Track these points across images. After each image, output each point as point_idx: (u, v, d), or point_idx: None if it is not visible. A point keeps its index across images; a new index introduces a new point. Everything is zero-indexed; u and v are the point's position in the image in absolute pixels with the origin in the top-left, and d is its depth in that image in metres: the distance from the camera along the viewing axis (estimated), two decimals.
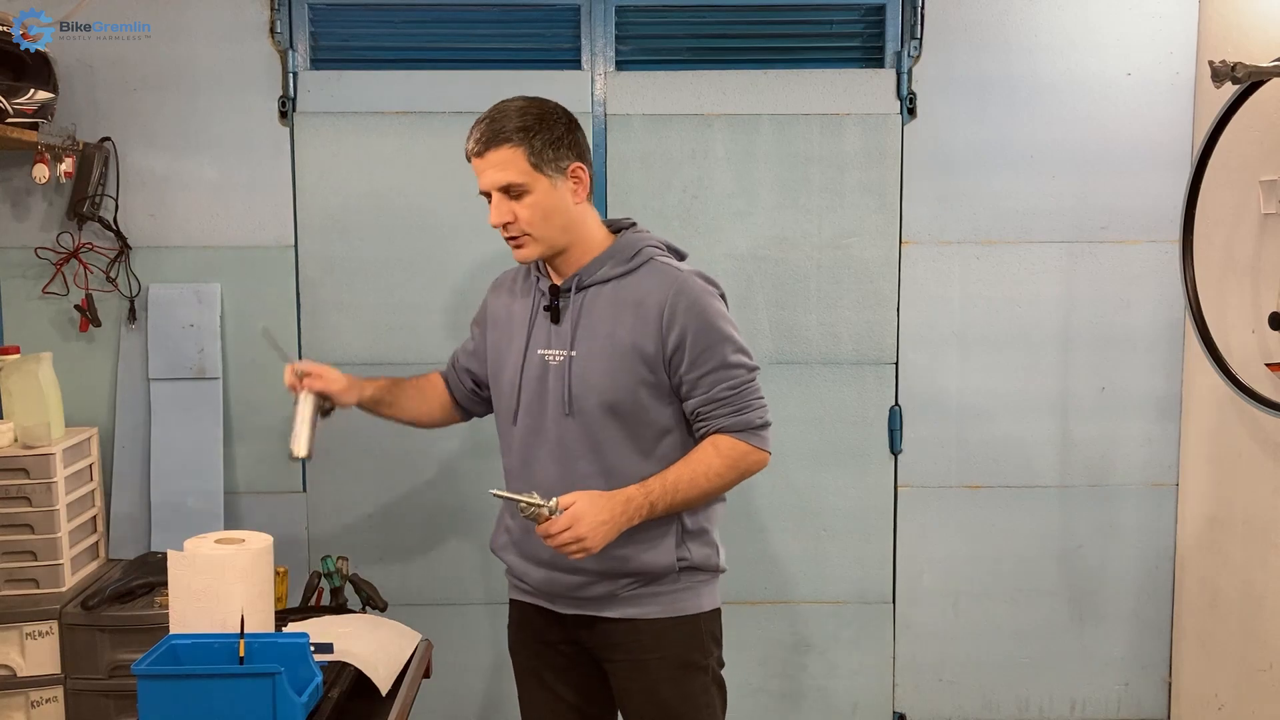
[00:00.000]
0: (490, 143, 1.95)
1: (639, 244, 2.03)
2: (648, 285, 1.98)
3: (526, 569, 2.09)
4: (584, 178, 2.00)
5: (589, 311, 2.00)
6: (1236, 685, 2.83)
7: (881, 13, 2.97)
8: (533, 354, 2.04)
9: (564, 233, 1.99)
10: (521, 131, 1.94)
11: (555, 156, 1.95)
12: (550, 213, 1.96)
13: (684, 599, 2.05)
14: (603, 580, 2.01)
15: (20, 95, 2.65)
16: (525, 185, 1.94)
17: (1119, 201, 3.00)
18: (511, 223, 1.96)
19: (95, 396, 2.94)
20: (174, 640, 1.76)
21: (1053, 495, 3.08)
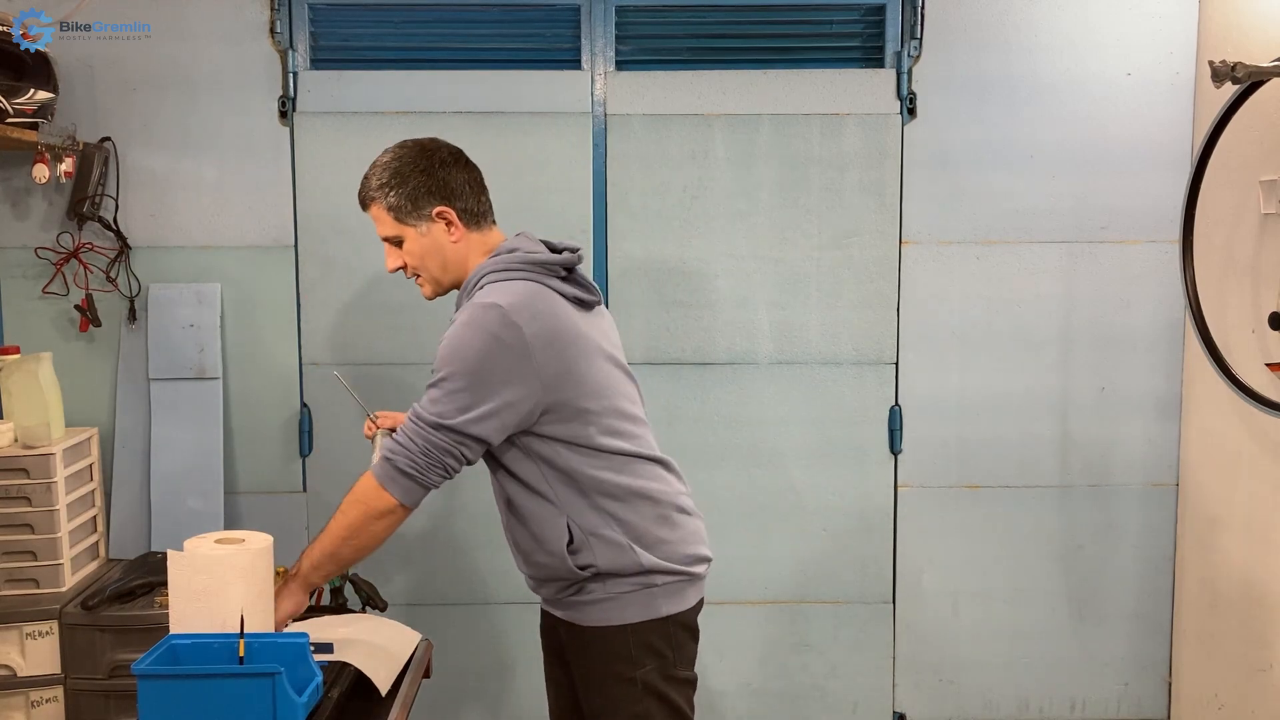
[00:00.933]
0: (363, 203, 2.10)
1: (481, 272, 2.02)
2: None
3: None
4: (452, 217, 2.05)
5: None
6: (1236, 685, 2.83)
7: (881, 13, 2.97)
8: None
9: (444, 271, 2.08)
10: (380, 189, 2.06)
11: (415, 207, 2.04)
12: (425, 255, 2.06)
13: (607, 609, 2.01)
14: (540, 586, 2.11)
15: (20, 95, 2.65)
16: (397, 235, 2.06)
17: (1119, 201, 3.00)
18: (402, 267, 2.08)
19: (95, 396, 2.94)
20: (174, 640, 1.76)
21: (1053, 495, 3.08)
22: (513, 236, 2.11)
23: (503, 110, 2.93)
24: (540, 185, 2.96)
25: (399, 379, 2.99)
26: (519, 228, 2.97)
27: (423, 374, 2.95)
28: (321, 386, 3.00)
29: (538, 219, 2.97)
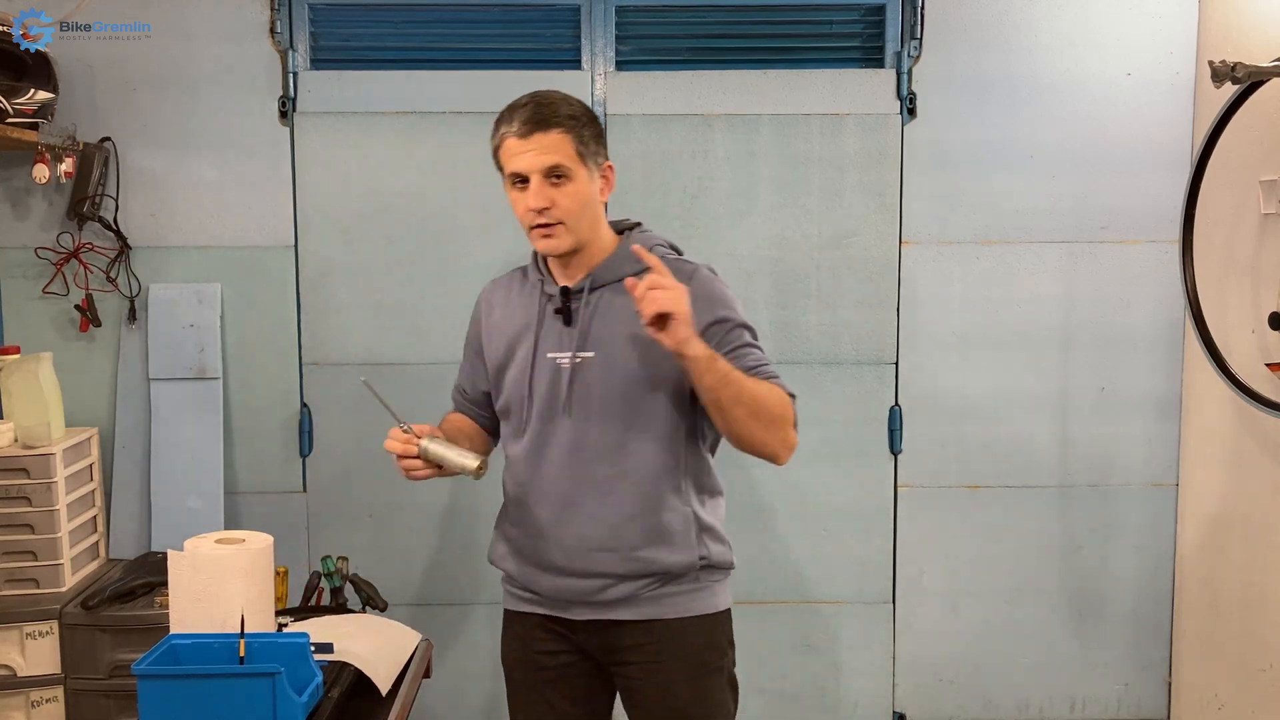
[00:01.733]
0: (539, 125, 1.89)
1: (650, 244, 1.99)
2: None
3: (533, 577, 2.03)
4: (611, 177, 2.00)
5: (604, 312, 1.96)
6: (1236, 685, 2.83)
7: (881, 13, 2.97)
8: (543, 358, 1.98)
9: (590, 228, 1.96)
10: (571, 119, 1.91)
11: (596, 150, 1.94)
12: (586, 204, 1.93)
13: (702, 598, 2.02)
14: (623, 582, 1.97)
15: (20, 95, 2.65)
16: (570, 171, 1.90)
17: (1119, 201, 3.00)
18: (549, 208, 1.89)
19: (95, 396, 2.94)
20: (174, 640, 1.76)
21: (1053, 495, 3.08)
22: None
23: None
24: None
25: (399, 379, 2.99)
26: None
27: (423, 374, 2.98)
28: (321, 386, 3.00)
29: None
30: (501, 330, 2.06)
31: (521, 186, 1.91)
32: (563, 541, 1.97)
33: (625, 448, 1.95)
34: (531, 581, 2.04)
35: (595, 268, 1.98)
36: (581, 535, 1.96)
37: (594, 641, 2.03)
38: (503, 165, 1.95)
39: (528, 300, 2.04)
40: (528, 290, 2.06)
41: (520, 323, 2.03)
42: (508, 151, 1.92)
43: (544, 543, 1.99)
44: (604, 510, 1.95)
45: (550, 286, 2.01)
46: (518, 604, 2.10)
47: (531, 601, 2.07)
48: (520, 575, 2.06)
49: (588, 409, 1.95)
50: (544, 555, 2.00)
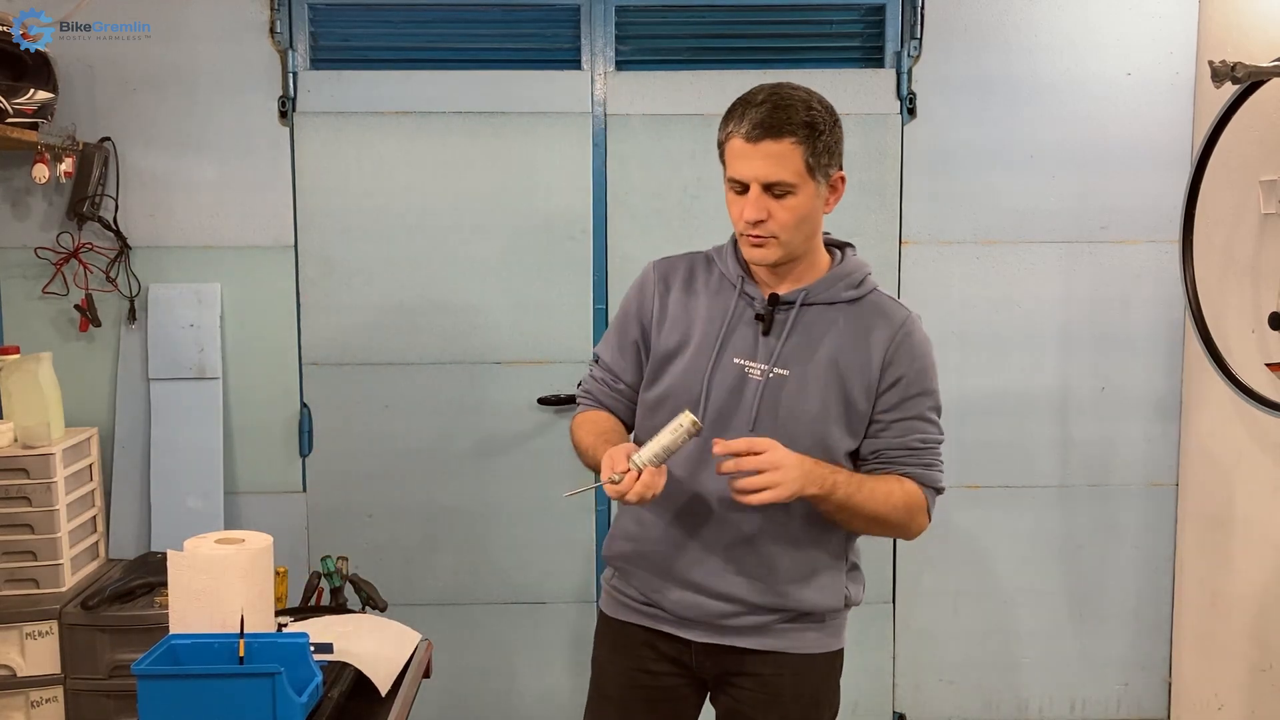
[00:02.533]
0: (770, 131, 1.73)
1: (865, 270, 1.89)
2: (875, 318, 1.86)
3: (660, 588, 1.89)
4: (841, 188, 1.83)
5: (808, 330, 1.83)
6: (1236, 685, 2.83)
7: (881, 13, 2.97)
8: (727, 361, 1.83)
9: (806, 242, 1.82)
10: (808, 128, 1.75)
11: (829, 162, 1.78)
12: (805, 219, 1.78)
13: (832, 635, 1.92)
14: (756, 612, 1.86)
15: (20, 95, 2.65)
16: (795, 187, 1.74)
17: (1119, 201, 3.00)
18: (765, 221, 1.75)
19: (95, 396, 2.94)
20: (174, 640, 1.75)
21: (1053, 495, 3.08)
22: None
23: (503, 110, 2.93)
24: (540, 185, 2.96)
25: (399, 379, 2.99)
26: (518, 227, 2.99)
27: (423, 373, 2.99)
28: (321, 386, 3.00)
29: (538, 219, 2.98)
30: (677, 316, 1.89)
31: (739, 191, 1.78)
32: (706, 558, 1.86)
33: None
34: (653, 591, 1.91)
35: (810, 284, 1.85)
36: (730, 556, 1.85)
37: (707, 663, 1.92)
38: (725, 161, 1.81)
39: (716, 293, 1.89)
40: (717, 282, 1.90)
41: (703, 314, 1.87)
42: (732, 151, 1.77)
43: (682, 554, 1.86)
44: (762, 536, 1.84)
45: (752, 288, 1.86)
46: (625, 613, 1.97)
47: (644, 614, 1.94)
48: (641, 581, 1.93)
49: (771, 429, 1.79)
50: (677, 566, 1.87)
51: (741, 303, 1.86)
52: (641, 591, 1.92)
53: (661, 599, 1.90)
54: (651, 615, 1.92)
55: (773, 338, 1.83)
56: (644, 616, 1.93)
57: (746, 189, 1.76)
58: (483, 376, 3.00)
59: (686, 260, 1.95)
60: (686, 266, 1.94)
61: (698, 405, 1.82)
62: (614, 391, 1.97)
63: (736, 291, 1.86)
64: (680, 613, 1.89)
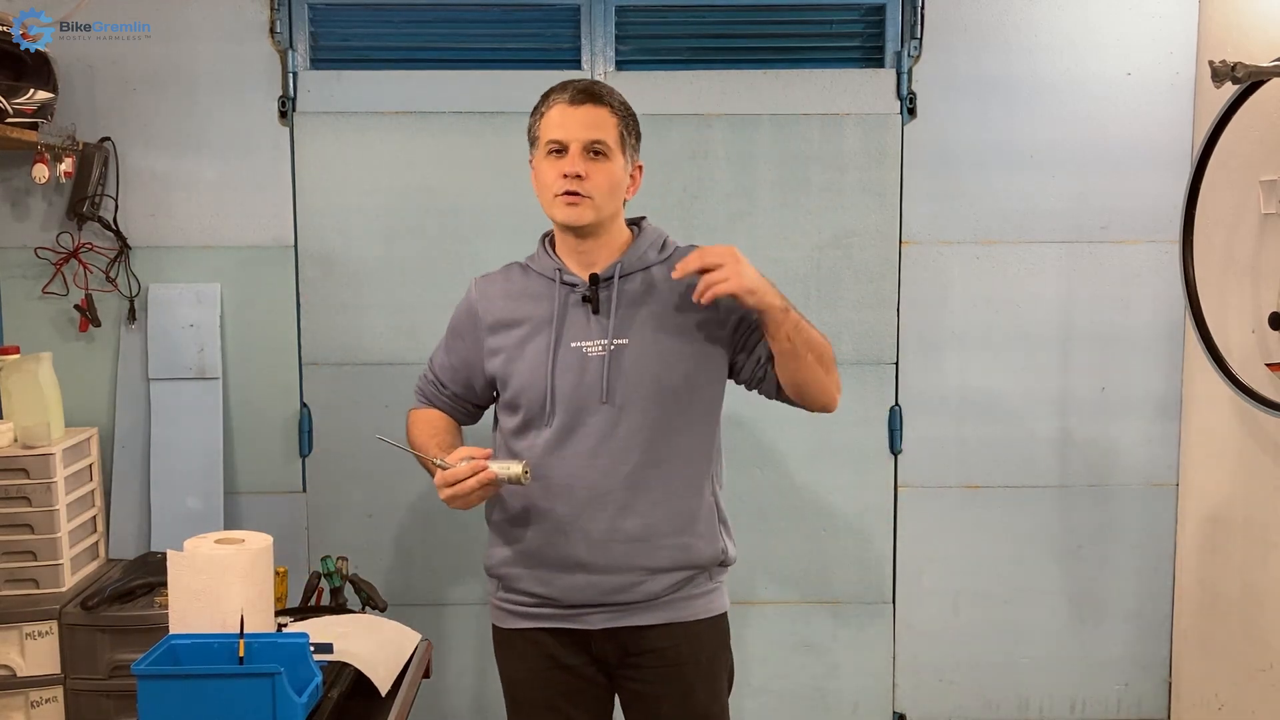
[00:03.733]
0: (591, 98, 1.94)
1: (664, 234, 2.07)
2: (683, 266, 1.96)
3: (549, 579, 1.97)
4: (639, 179, 2.04)
5: (634, 300, 1.97)
6: (1236, 685, 2.83)
7: (881, 13, 2.97)
8: (566, 348, 1.96)
9: (612, 215, 1.99)
10: (622, 106, 1.98)
11: (634, 145, 2.00)
12: (614, 189, 1.96)
13: (715, 599, 2.04)
14: (653, 576, 1.95)
15: (20, 95, 2.65)
16: (610, 151, 1.94)
17: (1119, 201, 3.00)
18: (583, 178, 1.92)
19: (95, 396, 2.94)
20: (174, 640, 1.76)
21: (1053, 495, 3.08)
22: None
23: (503, 110, 2.93)
24: None
25: (399, 379, 2.99)
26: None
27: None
28: (321, 386, 3.00)
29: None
30: (507, 324, 2.03)
31: (557, 155, 1.93)
32: (590, 535, 1.94)
33: (662, 435, 1.94)
34: (544, 585, 1.98)
35: (623, 256, 2.00)
36: (612, 527, 1.93)
37: (609, 648, 2.00)
38: (540, 135, 1.97)
39: (538, 291, 2.02)
40: (535, 281, 2.04)
41: (530, 313, 2.01)
42: (551, 121, 1.94)
43: (565, 539, 1.94)
44: (635, 500, 1.93)
45: (570, 276, 1.99)
46: (519, 620, 2.03)
47: (536, 616, 2.01)
48: (529, 581, 1.99)
49: (625, 397, 1.93)
50: (564, 552, 1.95)
51: (564, 290, 1.98)
52: (531, 592, 1.99)
53: (553, 591, 1.97)
54: (546, 615, 2.00)
55: (603, 314, 1.96)
56: (539, 619, 2.01)
57: (564, 151, 1.92)
58: None
59: (503, 272, 2.12)
60: (502, 275, 2.11)
61: (544, 399, 1.94)
62: (443, 395, 2.16)
63: (557, 283, 1.99)
64: (574, 600, 1.96)
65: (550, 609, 1.99)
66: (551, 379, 1.95)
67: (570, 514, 1.94)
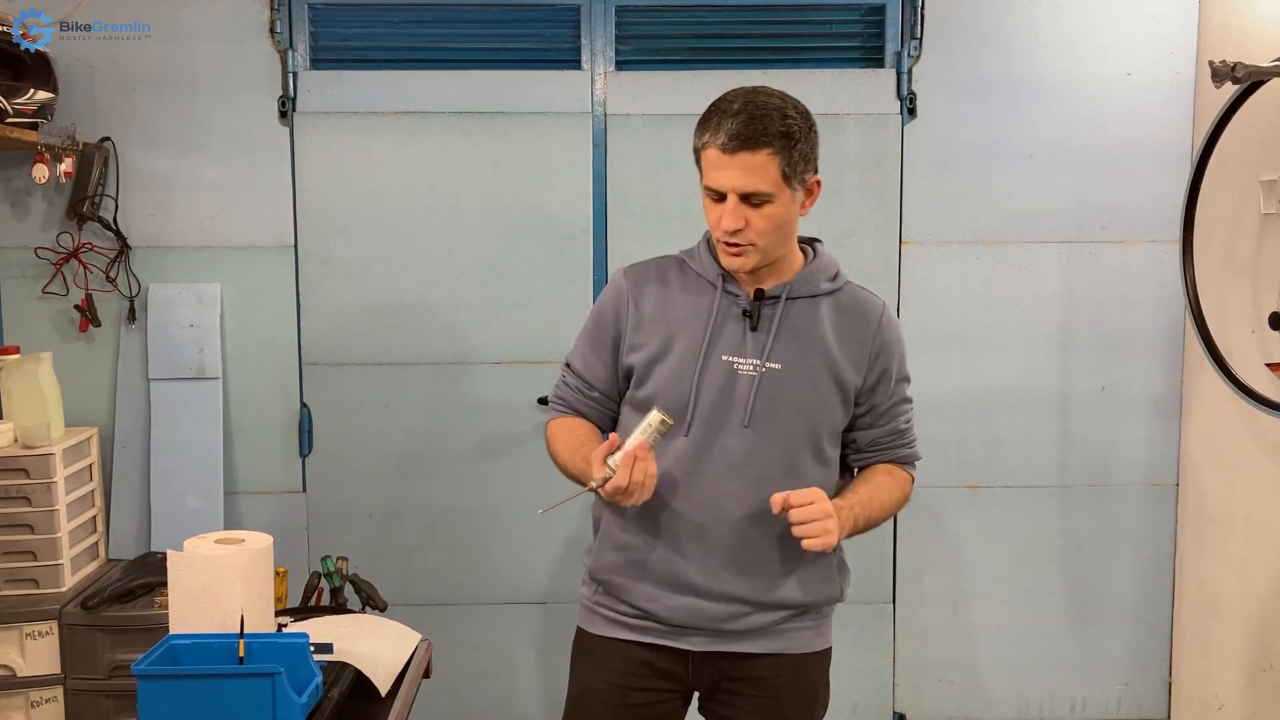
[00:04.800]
0: (747, 143, 1.73)
1: (837, 264, 1.94)
2: (855, 308, 1.89)
3: (657, 596, 1.86)
4: (817, 191, 1.87)
5: (795, 323, 1.84)
6: (1236, 685, 2.83)
7: (881, 13, 2.97)
8: (716, 359, 1.83)
9: (782, 245, 1.84)
10: (784, 138, 1.76)
11: (805, 169, 1.81)
12: (782, 225, 1.80)
13: (822, 633, 1.94)
14: (760, 611, 1.85)
15: (20, 95, 2.65)
16: (772, 196, 1.76)
17: (1119, 201, 3.00)
18: (742, 229, 1.77)
19: (95, 396, 2.94)
20: (174, 640, 1.75)
21: (1053, 495, 3.08)
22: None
23: (503, 110, 2.93)
24: (540, 185, 2.96)
25: (399, 379, 2.99)
26: (519, 227, 2.99)
27: (423, 373, 2.99)
28: (321, 386, 3.00)
29: (538, 219, 2.98)
30: (656, 320, 1.88)
31: (716, 199, 1.80)
32: (706, 559, 1.83)
33: (798, 469, 1.84)
34: (650, 601, 1.87)
35: (792, 278, 1.87)
36: (730, 555, 1.83)
37: (705, 672, 1.90)
38: (701, 168, 1.82)
39: (697, 294, 1.88)
40: (694, 283, 1.90)
41: (684, 316, 1.87)
42: (709, 161, 1.78)
43: (681, 558, 1.84)
44: (760, 531, 1.83)
45: (734, 285, 1.87)
46: (615, 629, 1.92)
47: (637, 628, 1.90)
48: (635, 593, 1.88)
49: (768, 423, 1.82)
50: (678, 572, 1.84)
51: (725, 300, 1.86)
52: (635, 605, 1.89)
53: (658, 609, 1.86)
54: (645, 629, 1.89)
55: (761, 333, 1.84)
56: (637, 631, 1.89)
57: (724, 197, 1.77)
58: (483, 376, 3.00)
59: (656, 264, 1.96)
60: (658, 268, 1.94)
61: (686, 407, 1.82)
62: (588, 399, 1.96)
63: (718, 290, 1.86)
64: (678, 621, 1.86)
65: (650, 623, 1.89)
66: (697, 388, 1.82)
67: (690, 534, 1.83)
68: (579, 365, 1.97)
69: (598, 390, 1.95)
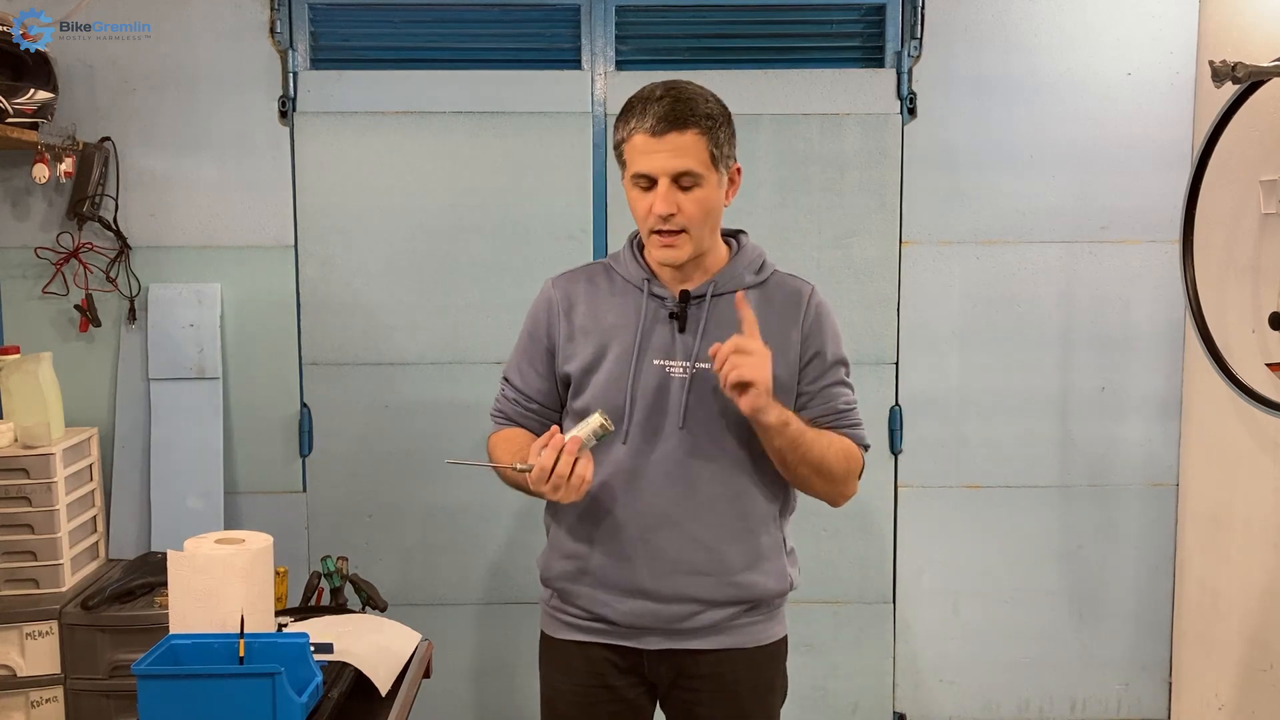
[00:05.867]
0: (675, 124, 1.75)
1: (762, 253, 1.94)
2: (783, 296, 1.90)
3: (606, 601, 1.89)
4: (738, 180, 1.88)
5: (723, 321, 1.84)
6: (1236, 685, 2.83)
7: (881, 13, 2.97)
8: (648, 364, 1.84)
9: (710, 235, 1.85)
10: (709, 119, 1.78)
11: (729, 152, 1.83)
12: (710, 211, 1.81)
13: (774, 625, 1.97)
14: (712, 609, 1.87)
15: (20, 95, 2.65)
16: (701, 177, 1.77)
17: (1119, 201, 3.00)
18: (675, 214, 1.77)
19: (95, 396, 2.94)
20: (174, 640, 1.75)
21: (1053, 495, 3.08)
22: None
23: (503, 110, 2.93)
24: (540, 185, 2.96)
25: (399, 379, 2.99)
26: (519, 227, 2.99)
27: (423, 373, 2.99)
28: (321, 386, 3.00)
29: (538, 219, 2.98)
30: (588, 329, 1.90)
31: (645, 187, 1.79)
32: (654, 563, 1.85)
33: (738, 466, 1.86)
34: (602, 606, 1.90)
35: (716, 274, 1.88)
36: (678, 558, 1.85)
37: (661, 668, 1.93)
38: (625, 161, 1.82)
39: (624, 299, 1.89)
40: (621, 288, 1.91)
41: (614, 323, 1.88)
42: (634, 148, 1.79)
43: (629, 564, 1.86)
44: (706, 532, 1.85)
45: (659, 288, 1.88)
46: (570, 631, 1.95)
47: (593, 630, 1.93)
48: (586, 599, 1.91)
49: (704, 423, 1.84)
50: (627, 577, 1.87)
51: (652, 304, 1.87)
52: (586, 609, 1.92)
53: (610, 613, 1.89)
54: (601, 630, 1.92)
55: (689, 334, 1.85)
56: (591, 633, 1.93)
57: (653, 184, 1.78)
58: (483, 376, 2.99)
59: (585, 272, 1.97)
60: (586, 277, 1.95)
61: (623, 415, 1.84)
62: (527, 411, 1.98)
63: (644, 294, 1.87)
64: (631, 623, 1.88)
65: (605, 625, 1.91)
66: (631, 396, 1.84)
67: (636, 539, 1.86)
68: (515, 379, 2.00)
69: (536, 402, 1.98)
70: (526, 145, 2.95)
